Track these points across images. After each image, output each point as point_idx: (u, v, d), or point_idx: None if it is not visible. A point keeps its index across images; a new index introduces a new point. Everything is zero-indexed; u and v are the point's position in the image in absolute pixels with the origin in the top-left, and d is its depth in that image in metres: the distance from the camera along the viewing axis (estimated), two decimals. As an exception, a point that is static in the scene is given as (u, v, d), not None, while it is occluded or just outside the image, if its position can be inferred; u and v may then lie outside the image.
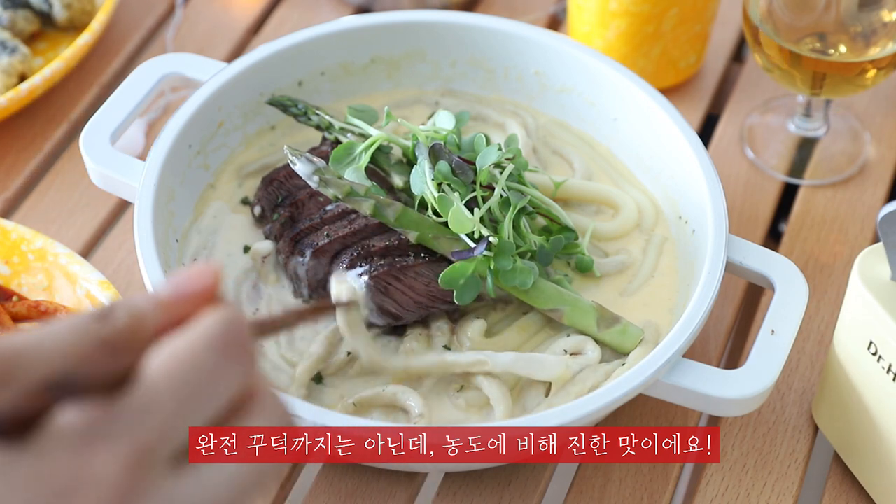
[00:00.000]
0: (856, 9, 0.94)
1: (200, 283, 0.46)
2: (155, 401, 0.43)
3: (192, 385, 0.43)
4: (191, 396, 0.43)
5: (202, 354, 0.44)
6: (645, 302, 0.89)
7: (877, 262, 0.78)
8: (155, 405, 0.43)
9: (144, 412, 0.43)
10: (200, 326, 0.45)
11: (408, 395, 0.81)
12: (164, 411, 0.43)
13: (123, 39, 1.16)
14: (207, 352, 0.44)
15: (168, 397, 0.43)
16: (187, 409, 0.43)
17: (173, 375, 0.43)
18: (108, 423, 0.42)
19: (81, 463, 0.41)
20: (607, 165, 0.98)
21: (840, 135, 1.08)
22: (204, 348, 0.44)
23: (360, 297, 0.81)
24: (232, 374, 0.45)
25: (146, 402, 0.43)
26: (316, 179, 0.84)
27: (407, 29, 1.00)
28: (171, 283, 0.46)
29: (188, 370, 0.44)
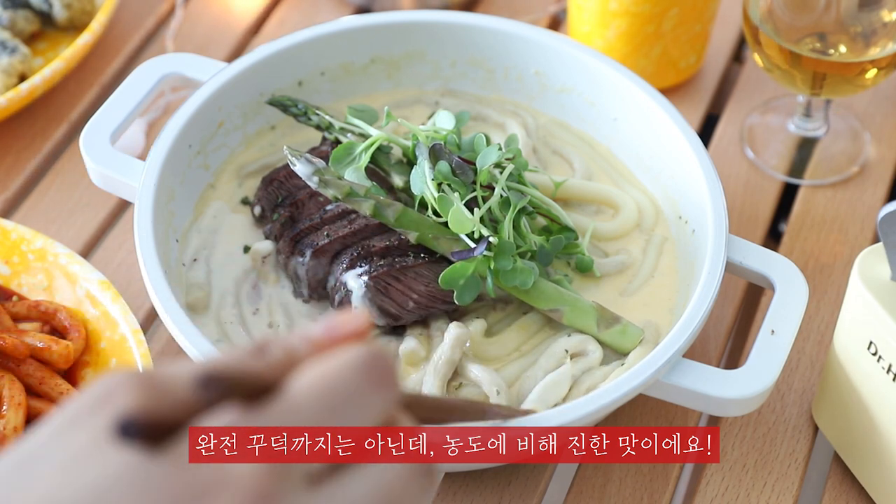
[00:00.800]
0: (856, 9, 0.94)
1: (351, 327, 0.47)
2: (297, 411, 0.43)
3: (335, 402, 0.44)
4: (332, 413, 0.44)
5: (347, 374, 0.44)
6: (645, 302, 0.89)
7: (877, 262, 0.78)
8: (296, 416, 0.43)
9: (289, 418, 0.43)
10: (348, 353, 0.45)
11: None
12: (308, 418, 0.43)
13: (123, 39, 1.16)
14: (353, 373, 0.44)
15: (309, 410, 0.43)
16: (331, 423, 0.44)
17: (317, 390, 0.44)
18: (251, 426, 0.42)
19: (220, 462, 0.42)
20: (607, 165, 0.98)
21: (840, 135, 1.08)
22: (350, 369, 0.44)
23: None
24: (374, 401, 0.45)
25: (288, 412, 0.43)
26: (316, 180, 0.84)
27: (407, 29, 1.00)
28: (324, 325, 0.47)
29: (331, 387, 0.44)
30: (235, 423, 0.42)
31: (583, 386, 0.83)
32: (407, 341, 0.84)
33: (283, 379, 0.45)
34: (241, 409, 0.43)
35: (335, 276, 0.86)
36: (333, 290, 0.86)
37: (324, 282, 0.87)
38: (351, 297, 0.84)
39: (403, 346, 0.84)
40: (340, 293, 0.85)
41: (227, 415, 0.43)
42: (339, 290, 0.85)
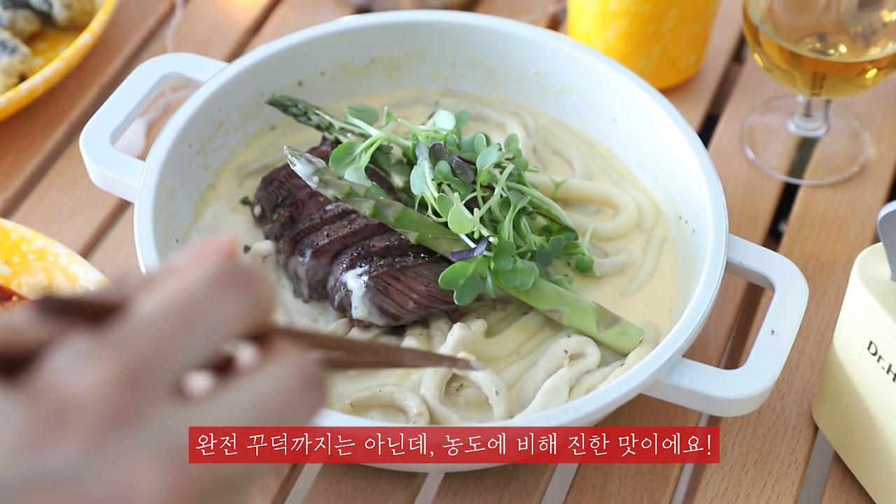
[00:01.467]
0: (856, 9, 0.94)
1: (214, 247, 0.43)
2: (147, 322, 0.40)
3: (187, 311, 0.40)
4: (187, 320, 0.40)
5: (199, 283, 0.41)
6: (645, 302, 0.89)
7: (877, 262, 0.78)
8: (146, 327, 0.40)
9: (139, 331, 0.40)
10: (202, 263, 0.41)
11: (405, 394, 0.81)
12: (156, 331, 0.39)
13: (123, 39, 1.16)
14: (205, 281, 0.41)
15: (161, 320, 0.40)
16: (184, 332, 0.40)
17: (167, 302, 0.40)
18: (96, 346, 0.39)
19: (70, 385, 0.38)
20: (607, 165, 0.98)
21: (840, 135, 1.08)
22: (202, 278, 0.41)
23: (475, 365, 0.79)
24: (236, 304, 0.41)
25: (137, 324, 0.40)
26: (316, 180, 0.84)
27: (407, 29, 1.00)
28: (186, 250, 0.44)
29: (184, 297, 0.40)
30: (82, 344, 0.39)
31: (583, 386, 0.83)
32: (407, 341, 0.84)
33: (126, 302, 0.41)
34: (87, 334, 0.39)
35: (335, 276, 0.86)
36: (333, 290, 0.86)
37: (324, 282, 0.87)
38: (351, 297, 0.84)
39: (403, 346, 0.84)
40: (340, 293, 0.85)
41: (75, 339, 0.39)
42: (339, 290, 0.85)
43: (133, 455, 0.38)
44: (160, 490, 0.38)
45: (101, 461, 0.38)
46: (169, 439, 0.39)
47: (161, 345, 0.39)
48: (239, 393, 0.41)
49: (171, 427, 0.39)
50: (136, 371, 0.39)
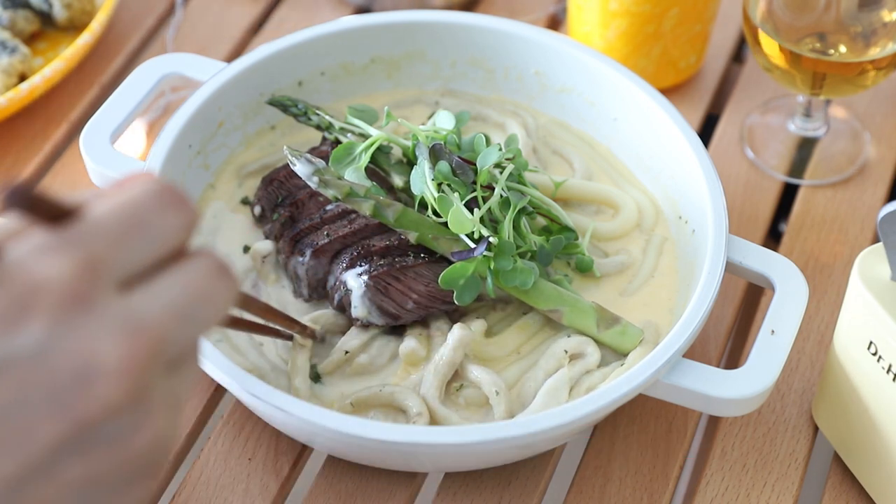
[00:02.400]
0: (856, 9, 0.94)
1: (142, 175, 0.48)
2: (100, 225, 0.45)
3: (136, 217, 0.46)
4: (135, 225, 0.46)
5: (143, 196, 0.46)
6: (645, 302, 0.89)
7: (877, 262, 0.78)
8: (101, 228, 0.45)
9: (94, 231, 0.45)
10: (140, 181, 0.47)
11: (406, 394, 0.81)
12: (110, 232, 0.45)
13: (123, 39, 1.16)
14: (148, 195, 0.47)
15: (115, 221, 0.45)
16: (132, 236, 0.45)
17: (115, 211, 0.46)
18: (57, 240, 0.44)
19: (31, 274, 0.43)
20: (607, 165, 0.98)
21: (840, 135, 1.08)
22: (144, 193, 0.47)
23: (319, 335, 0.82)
24: (172, 219, 0.47)
25: (95, 224, 0.45)
26: (316, 180, 0.84)
27: (407, 29, 1.00)
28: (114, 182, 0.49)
29: (131, 206, 0.46)
30: (42, 239, 0.44)
31: (582, 386, 0.83)
32: (407, 341, 0.84)
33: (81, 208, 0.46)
34: (47, 230, 0.44)
35: (335, 275, 0.86)
36: (333, 289, 0.86)
37: (323, 281, 0.87)
38: (351, 297, 0.84)
39: (403, 346, 0.84)
40: (340, 292, 0.85)
41: (35, 235, 0.44)
42: (338, 290, 0.85)
43: (92, 333, 0.43)
44: (118, 359, 0.43)
45: (64, 339, 0.43)
46: (122, 319, 0.44)
47: (114, 244, 0.45)
48: (169, 282, 0.46)
49: (122, 309, 0.44)
50: (93, 264, 0.44)
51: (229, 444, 0.85)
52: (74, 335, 0.43)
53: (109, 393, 0.43)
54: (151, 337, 0.44)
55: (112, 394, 0.43)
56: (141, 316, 0.44)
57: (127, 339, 0.44)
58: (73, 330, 0.43)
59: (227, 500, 0.83)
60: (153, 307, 0.45)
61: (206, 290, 0.47)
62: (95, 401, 0.43)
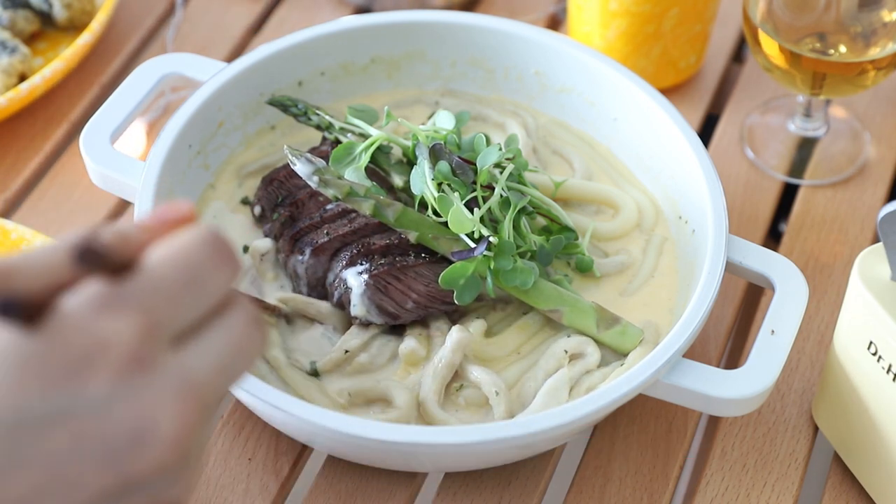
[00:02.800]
0: (856, 9, 0.94)
1: (178, 212, 0.50)
2: (160, 280, 0.46)
3: (193, 271, 0.47)
4: (191, 281, 0.47)
5: (199, 247, 0.48)
6: (645, 302, 0.89)
7: (877, 262, 0.78)
8: (161, 283, 0.46)
9: (152, 288, 0.46)
10: (191, 231, 0.48)
11: (398, 390, 0.82)
12: (169, 289, 0.46)
13: (123, 39, 1.16)
14: (203, 246, 0.48)
15: (172, 278, 0.46)
16: (189, 292, 0.47)
17: (176, 262, 0.47)
18: (118, 297, 0.45)
19: (95, 331, 0.44)
20: (607, 165, 0.98)
21: (840, 135, 1.08)
22: (200, 243, 0.48)
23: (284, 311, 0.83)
24: (223, 271, 0.48)
25: (153, 281, 0.46)
26: (316, 180, 0.84)
27: (407, 29, 1.00)
28: (151, 213, 0.50)
29: (188, 258, 0.47)
30: (103, 294, 0.45)
31: (583, 386, 0.83)
32: (407, 341, 0.84)
33: (136, 258, 0.47)
34: (104, 282, 0.45)
35: (335, 272, 0.86)
36: (333, 286, 0.86)
37: (323, 280, 0.87)
38: (350, 295, 0.84)
39: (403, 346, 0.84)
40: (340, 290, 0.85)
41: (94, 286, 0.45)
42: (338, 287, 0.85)
43: (151, 395, 0.45)
44: (174, 425, 0.45)
45: (124, 399, 0.44)
46: (177, 381, 0.45)
47: (171, 303, 0.46)
48: (217, 336, 0.48)
49: (178, 370, 0.46)
50: (153, 326, 0.45)
51: (229, 444, 0.85)
52: (134, 395, 0.44)
53: (163, 456, 0.45)
54: (202, 398, 0.46)
55: (165, 457, 0.45)
56: (193, 377, 0.46)
57: (182, 403, 0.45)
58: (133, 390, 0.44)
59: (227, 500, 0.83)
60: (203, 366, 0.47)
61: (244, 343, 0.49)
62: (148, 463, 0.45)
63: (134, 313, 0.45)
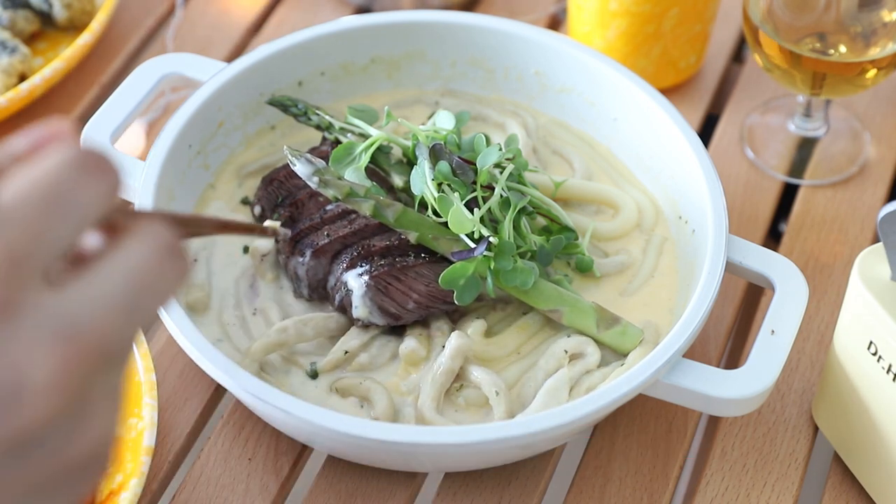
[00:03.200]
0: (856, 9, 0.94)
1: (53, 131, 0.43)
2: (13, 212, 0.39)
3: (52, 195, 0.40)
4: (54, 205, 0.40)
5: (58, 168, 0.41)
6: (645, 302, 0.89)
7: (877, 262, 0.78)
8: (14, 214, 0.39)
9: (5, 220, 0.39)
10: (55, 151, 0.41)
11: (378, 394, 0.82)
12: (25, 219, 0.39)
13: (123, 39, 1.16)
14: (64, 166, 0.41)
15: (27, 207, 0.40)
16: (52, 218, 0.40)
17: (29, 190, 0.40)
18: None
19: None
20: (607, 165, 0.98)
21: (840, 135, 1.08)
22: (60, 164, 0.41)
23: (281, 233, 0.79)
24: (96, 184, 0.41)
25: (6, 213, 0.39)
26: (316, 180, 0.84)
27: (407, 29, 1.00)
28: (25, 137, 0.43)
29: (45, 183, 0.40)
30: None
31: (583, 386, 0.83)
32: (407, 341, 0.84)
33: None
34: None
35: (335, 275, 0.86)
36: (334, 289, 0.86)
37: (324, 282, 0.87)
38: (351, 297, 0.84)
39: (403, 346, 0.84)
40: (341, 293, 0.85)
41: None
42: (339, 290, 0.85)
43: (20, 343, 0.39)
44: (49, 370, 0.39)
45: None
46: (52, 323, 0.39)
47: (32, 233, 0.39)
48: (108, 271, 0.41)
49: (53, 310, 0.39)
50: (11, 262, 0.39)
51: (229, 444, 0.85)
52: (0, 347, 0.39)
53: (39, 408, 0.39)
54: (89, 342, 0.40)
55: (42, 409, 0.39)
56: (76, 318, 0.40)
57: (59, 347, 0.39)
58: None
59: (227, 500, 0.83)
60: (90, 305, 0.40)
61: (151, 276, 0.42)
62: (26, 417, 0.39)
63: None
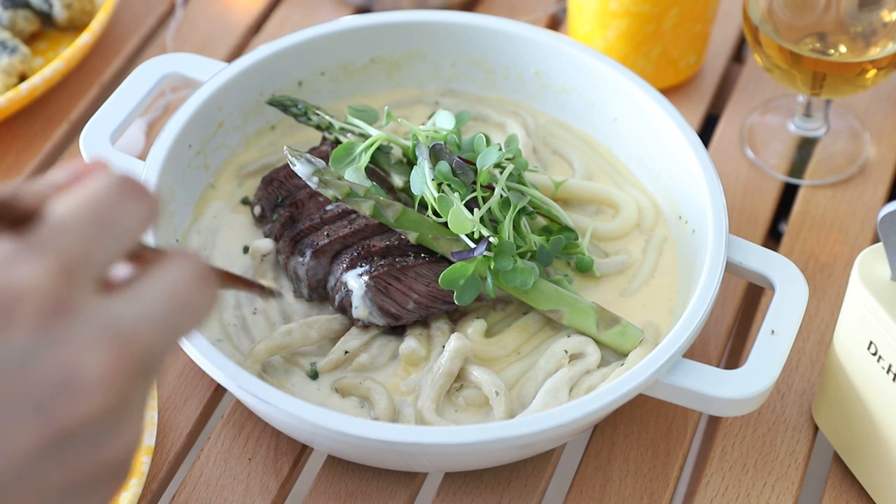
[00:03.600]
0: (856, 9, 0.94)
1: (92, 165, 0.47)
2: (67, 225, 0.44)
3: (101, 213, 0.44)
4: (102, 223, 0.44)
5: (105, 190, 0.45)
6: (645, 302, 0.89)
7: (877, 262, 0.78)
8: (68, 228, 0.43)
9: (60, 231, 0.43)
10: (98, 175, 0.45)
11: (379, 394, 0.82)
12: (78, 231, 0.44)
13: (123, 39, 1.16)
14: (110, 188, 0.45)
15: (79, 222, 0.44)
16: (101, 233, 0.44)
17: (79, 207, 0.44)
18: (24, 247, 0.42)
19: (8, 282, 0.42)
20: (607, 165, 0.98)
21: (840, 135, 1.08)
22: (106, 186, 0.45)
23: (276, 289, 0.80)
24: (136, 211, 0.45)
25: (60, 225, 0.43)
26: (315, 180, 0.84)
27: (407, 29, 1.00)
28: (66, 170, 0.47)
29: (93, 203, 0.44)
30: (8, 245, 0.42)
31: (582, 386, 0.83)
32: (407, 341, 0.84)
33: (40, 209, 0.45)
34: (11, 235, 0.43)
35: (335, 276, 0.86)
36: (334, 290, 0.86)
37: (324, 282, 0.87)
38: (351, 297, 0.84)
39: (404, 346, 0.84)
40: (341, 293, 0.85)
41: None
42: (339, 290, 0.85)
43: (74, 342, 0.42)
44: (102, 369, 0.43)
45: (45, 349, 0.42)
46: (103, 327, 0.43)
47: (84, 244, 0.43)
48: (152, 288, 0.46)
49: (104, 316, 0.43)
50: (68, 268, 0.43)
51: (229, 444, 0.85)
52: (57, 344, 0.42)
53: (91, 403, 0.43)
54: (134, 350, 0.44)
55: (93, 404, 0.43)
56: (124, 325, 0.44)
57: (110, 349, 0.43)
58: (56, 338, 0.42)
59: (227, 500, 0.83)
60: (136, 316, 0.44)
61: (188, 297, 0.46)
62: (76, 410, 0.43)
63: (44, 257, 0.42)
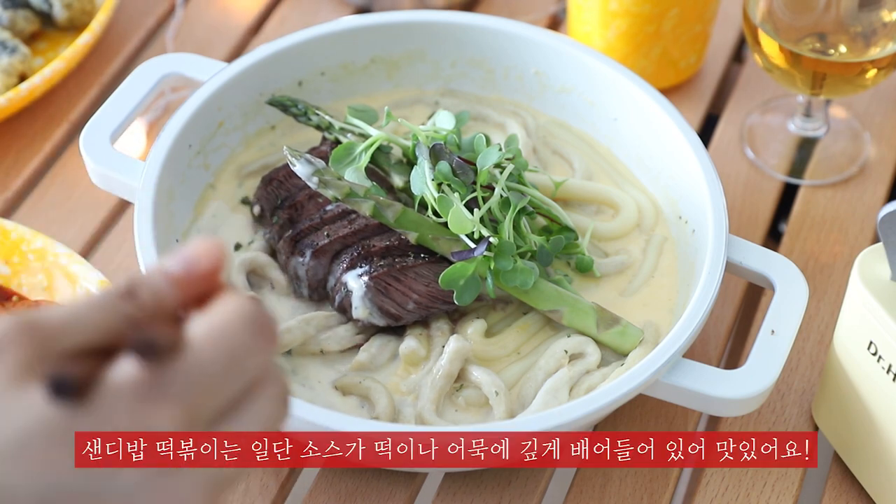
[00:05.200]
0: (856, 9, 0.94)
1: (208, 262, 0.50)
2: (202, 366, 0.47)
3: (233, 356, 0.48)
4: (231, 366, 0.48)
5: (241, 329, 0.49)
6: (645, 302, 0.89)
7: (877, 262, 0.78)
8: (203, 370, 0.47)
9: (195, 377, 0.47)
10: (234, 304, 0.49)
11: (378, 392, 0.82)
12: (210, 376, 0.47)
13: (123, 39, 1.16)
14: (245, 327, 0.49)
15: (213, 364, 0.47)
16: (228, 377, 0.48)
17: (217, 345, 0.48)
18: (162, 384, 0.46)
19: (139, 420, 0.46)
20: (607, 165, 0.98)
21: (840, 135, 1.08)
22: (242, 324, 0.49)
23: None
24: (261, 352, 0.49)
25: (195, 367, 0.47)
26: (315, 180, 0.84)
27: (407, 29, 1.00)
28: (181, 260, 0.50)
29: (229, 341, 0.48)
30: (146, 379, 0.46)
31: (582, 386, 0.83)
32: (407, 341, 0.84)
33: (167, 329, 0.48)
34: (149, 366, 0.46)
35: (335, 276, 0.86)
36: (334, 290, 0.86)
37: (324, 282, 0.87)
38: (351, 297, 0.84)
39: (403, 346, 0.84)
40: (341, 293, 0.85)
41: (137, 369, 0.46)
42: (339, 291, 0.85)
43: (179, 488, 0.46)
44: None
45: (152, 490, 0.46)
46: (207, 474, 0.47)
47: (212, 390, 0.47)
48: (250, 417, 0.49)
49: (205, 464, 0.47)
50: (191, 417, 0.47)
51: (229, 444, 0.85)
52: (162, 487, 0.46)
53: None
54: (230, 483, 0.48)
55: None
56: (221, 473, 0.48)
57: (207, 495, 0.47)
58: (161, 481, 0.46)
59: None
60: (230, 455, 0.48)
61: (273, 420, 0.50)
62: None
63: (174, 406, 0.46)
